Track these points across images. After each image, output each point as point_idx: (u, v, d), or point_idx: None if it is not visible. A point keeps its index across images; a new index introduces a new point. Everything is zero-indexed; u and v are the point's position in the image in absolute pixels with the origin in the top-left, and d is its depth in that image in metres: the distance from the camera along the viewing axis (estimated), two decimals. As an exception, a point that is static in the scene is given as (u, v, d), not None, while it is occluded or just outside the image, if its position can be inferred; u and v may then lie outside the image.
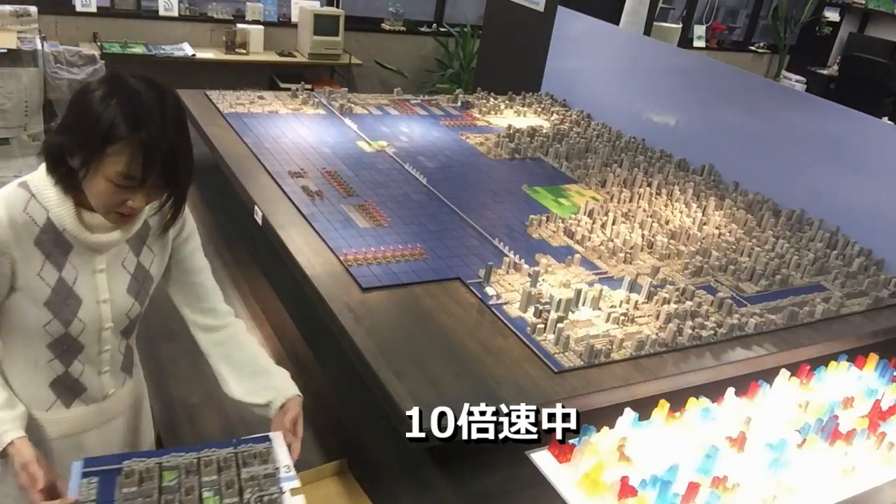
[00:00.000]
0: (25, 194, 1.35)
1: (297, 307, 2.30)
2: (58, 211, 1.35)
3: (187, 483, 1.33)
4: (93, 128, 1.24)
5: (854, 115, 2.85)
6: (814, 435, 1.86)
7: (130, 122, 1.24)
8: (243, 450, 1.43)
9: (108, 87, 1.26)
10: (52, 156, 1.32)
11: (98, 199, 1.32)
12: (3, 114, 4.64)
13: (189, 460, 1.39)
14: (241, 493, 1.34)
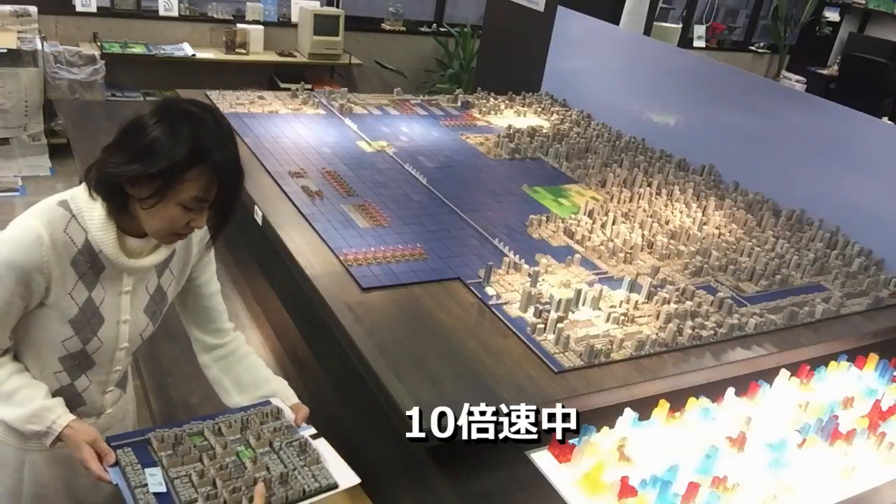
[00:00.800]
0: (66, 214, 1.36)
1: (297, 307, 2.30)
2: (100, 235, 1.36)
3: (219, 441, 1.41)
4: (169, 158, 1.26)
5: (854, 115, 2.85)
6: (814, 435, 1.86)
7: (204, 148, 1.28)
8: (255, 411, 1.52)
9: (173, 117, 1.29)
10: (110, 186, 1.32)
11: (164, 223, 1.33)
12: (3, 114, 4.65)
13: (210, 425, 1.46)
14: (271, 444, 1.44)
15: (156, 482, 1.31)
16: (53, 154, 4.90)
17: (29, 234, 1.32)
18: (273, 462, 1.40)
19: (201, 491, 1.31)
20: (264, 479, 1.34)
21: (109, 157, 1.31)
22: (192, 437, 1.42)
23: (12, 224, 1.34)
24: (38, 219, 1.34)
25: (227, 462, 1.37)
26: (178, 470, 1.34)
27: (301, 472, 1.39)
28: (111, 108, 4.00)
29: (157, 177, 1.27)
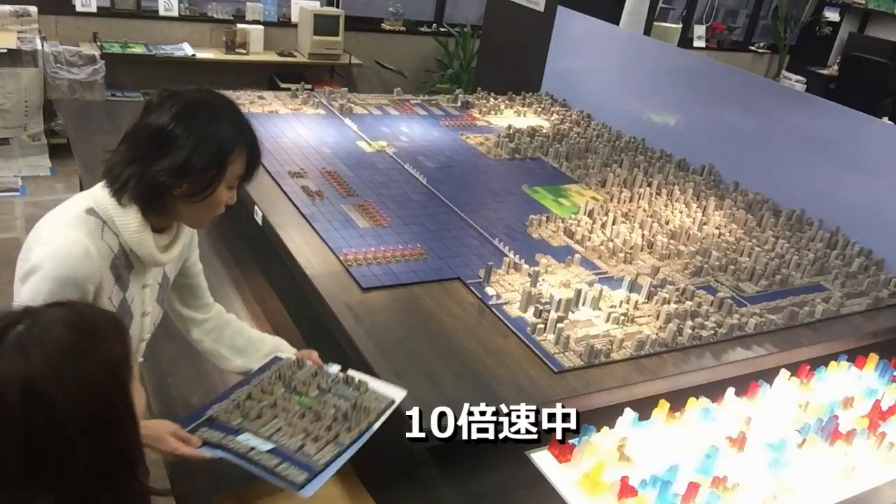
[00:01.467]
0: (98, 222, 1.37)
1: (297, 307, 2.30)
2: (137, 238, 1.38)
3: (273, 397, 1.47)
4: (219, 148, 1.34)
5: (854, 115, 2.85)
6: (814, 435, 1.86)
7: (238, 130, 1.37)
8: (280, 365, 1.59)
9: (207, 111, 1.35)
10: (156, 192, 1.34)
11: (211, 209, 1.40)
12: (3, 114, 4.65)
13: (254, 387, 1.51)
14: (319, 387, 1.53)
15: (260, 443, 1.36)
16: (53, 154, 4.90)
17: (77, 247, 1.32)
18: (335, 399, 1.49)
19: (298, 436, 1.38)
20: (342, 413, 1.43)
21: (151, 168, 1.32)
22: (246, 401, 1.47)
23: (49, 238, 1.33)
24: (78, 230, 1.34)
25: (297, 410, 1.44)
26: (265, 429, 1.40)
27: (364, 399, 1.49)
28: (111, 108, 4.00)
29: (210, 169, 1.34)
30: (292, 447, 1.36)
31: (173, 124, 1.32)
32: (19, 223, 4.13)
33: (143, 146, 1.34)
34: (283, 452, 1.35)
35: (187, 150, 1.32)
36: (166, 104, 1.35)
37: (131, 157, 1.34)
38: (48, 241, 1.33)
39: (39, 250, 1.32)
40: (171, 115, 1.33)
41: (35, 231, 1.38)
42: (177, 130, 1.32)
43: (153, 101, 1.38)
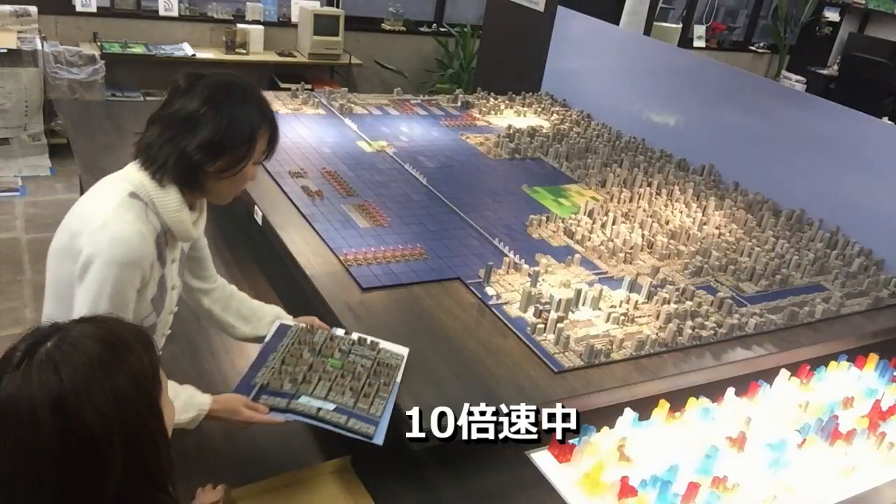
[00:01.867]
0: (142, 205, 1.42)
1: (297, 307, 2.29)
2: (177, 215, 1.45)
3: (307, 362, 1.60)
4: (250, 127, 1.44)
5: (854, 115, 2.85)
6: (814, 435, 1.86)
7: (262, 110, 1.47)
8: (296, 331, 1.72)
9: (238, 93, 1.44)
10: (192, 170, 1.42)
11: (239, 184, 1.50)
12: (3, 114, 4.64)
13: (282, 353, 1.64)
14: (339, 349, 1.66)
15: (321, 403, 1.50)
16: (53, 154, 4.89)
17: (133, 231, 1.38)
18: (358, 359, 1.62)
19: (347, 394, 1.53)
20: (371, 371, 1.59)
21: (187, 147, 1.39)
22: (283, 367, 1.59)
23: (102, 224, 1.37)
24: (128, 214, 1.39)
25: (332, 371, 1.58)
26: (318, 391, 1.53)
27: (382, 357, 1.65)
28: (111, 108, 4.00)
29: (241, 146, 1.43)
30: (349, 404, 1.51)
31: (206, 106, 1.40)
32: (19, 223, 4.13)
33: (178, 128, 1.40)
34: (345, 409, 1.50)
35: (221, 129, 1.40)
36: (196, 87, 1.42)
37: (167, 139, 1.40)
38: (102, 227, 1.37)
39: (94, 237, 1.37)
40: (203, 97, 1.41)
41: (76, 218, 1.43)
42: (210, 112, 1.40)
43: (180, 85, 1.43)
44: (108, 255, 1.35)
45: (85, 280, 1.37)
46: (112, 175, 1.50)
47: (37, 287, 3.56)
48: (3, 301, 3.43)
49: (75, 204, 1.51)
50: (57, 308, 1.48)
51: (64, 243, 1.42)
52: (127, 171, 1.47)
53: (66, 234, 1.42)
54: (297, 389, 1.55)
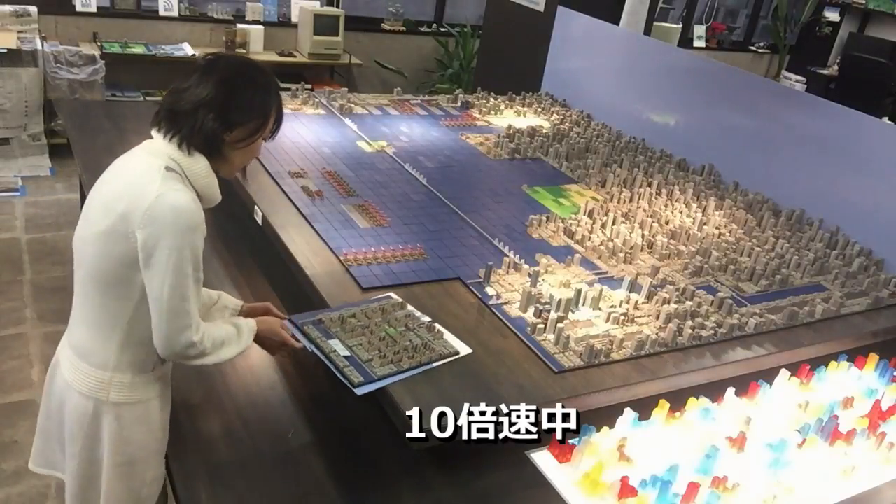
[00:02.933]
0: (178, 175, 1.49)
1: (297, 307, 2.29)
2: (208, 181, 1.54)
3: (371, 322, 1.78)
4: (266, 101, 1.55)
5: (854, 115, 2.85)
6: (814, 435, 1.86)
7: (276, 91, 1.60)
8: (389, 302, 1.90)
9: (257, 72, 1.57)
10: (214, 139, 1.51)
11: (249, 156, 1.61)
12: (3, 114, 4.64)
13: (360, 310, 1.83)
14: (406, 325, 1.80)
15: (341, 349, 1.68)
16: (53, 154, 4.90)
17: (189, 198, 1.46)
18: (412, 336, 1.76)
19: (372, 353, 1.68)
20: (413, 346, 1.72)
21: (211, 118, 1.48)
22: (349, 318, 1.78)
23: (158, 199, 1.42)
24: (175, 184, 1.46)
25: (382, 335, 1.74)
26: (351, 341, 1.71)
27: (434, 343, 1.76)
28: (111, 108, 4.00)
29: (257, 117, 1.54)
30: (363, 358, 1.66)
31: (231, 82, 1.51)
32: (19, 223, 4.13)
33: (201, 100, 1.49)
34: (354, 360, 1.66)
35: (243, 102, 1.51)
36: (217, 65, 1.54)
37: (190, 110, 1.49)
38: (158, 201, 1.42)
39: (152, 214, 1.42)
40: (226, 74, 1.52)
41: (119, 200, 1.45)
42: (233, 86, 1.51)
43: (202, 65, 1.54)
44: (176, 224, 1.42)
45: (157, 256, 1.42)
46: (134, 152, 1.55)
47: (37, 287, 3.56)
48: (3, 301, 3.43)
49: (103, 185, 1.54)
50: (102, 290, 1.51)
51: (110, 225, 1.45)
52: (153, 146, 1.53)
53: (111, 217, 1.45)
54: (338, 334, 1.73)
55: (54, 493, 2.48)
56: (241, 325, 1.66)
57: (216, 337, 1.57)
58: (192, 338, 1.50)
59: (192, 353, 1.53)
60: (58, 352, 1.68)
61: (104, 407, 1.57)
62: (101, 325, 1.54)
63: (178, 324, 1.48)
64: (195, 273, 1.48)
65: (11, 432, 2.71)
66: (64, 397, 1.61)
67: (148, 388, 1.60)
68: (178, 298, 1.45)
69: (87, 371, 1.56)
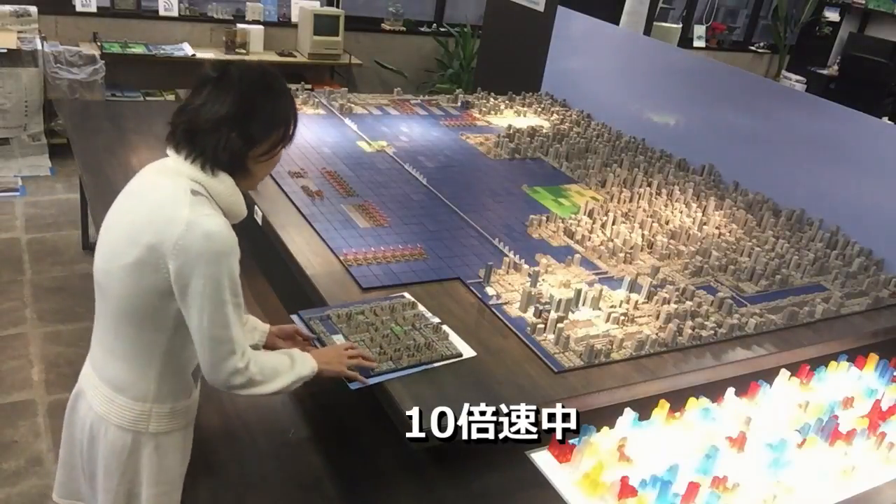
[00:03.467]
0: (204, 198, 1.43)
1: (297, 307, 2.29)
2: (232, 198, 1.48)
3: (378, 319, 1.82)
4: (286, 112, 1.49)
5: (854, 115, 2.85)
6: (814, 435, 1.86)
7: (293, 98, 1.54)
8: (400, 301, 1.92)
9: (272, 79, 1.50)
10: (237, 155, 1.44)
11: (271, 168, 1.55)
12: (3, 114, 4.64)
13: (369, 307, 1.86)
14: (413, 325, 1.82)
15: (342, 342, 1.71)
16: (53, 154, 4.89)
17: (220, 222, 1.41)
18: (416, 334, 1.78)
19: (373, 349, 1.71)
20: (415, 345, 1.74)
21: (233, 134, 1.41)
22: (357, 314, 1.82)
23: (190, 225, 1.36)
24: (204, 209, 1.40)
25: (386, 333, 1.77)
26: (354, 337, 1.74)
27: (437, 343, 1.77)
28: (111, 108, 4.00)
29: (279, 128, 1.48)
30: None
31: (250, 96, 1.43)
32: (19, 223, 4.13)
33: (221, 118, 1.41)
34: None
35: (265, 115, 1.45)
36: (232, 77, 1.44)
37: (210, 128, 1.41)
38: (189, 229, 1.36)
39: (185, 243, 1.36)
40: (244, 88, 1.43)
41: (146, 231, 1.39)
42: (253, 100, 1.43)
43: (212, 76, 1.44)
44: (210, 251, 1.37)
45: (193, 285, 1.36)
46: (153, 175, 1.49)
47: (37, 287, 3.56)
48: (4, 301, 3.43)
49: (123, 213, 1.48)
50: (135, 324, 1.44)
51: (140, 257, 1.38)
52: (173, 168, 1.45)
53: (139, 247, 1.38)
54: (343, 329, 1.76)
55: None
56: (294, 355, 1.57)
57: (265, 364, 1.50)
58: (238, 364, 1.43)
59: (239, 382, 1.45)
60: (81, 382, 1.60)
61: (143, 438, 1.51)
62: (137, 357, 1.47)
63: (221, 351, 1.42)
64: (234, 298, 1.42)
65: (11, 432, 2.71)
66: (96, 431, 1.54)
67: (186, 414, 1.57)
68: (219, 327, 1.40)
69: (124, 404, 1.49)
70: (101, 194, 2.79)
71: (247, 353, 1.45)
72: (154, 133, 3.42)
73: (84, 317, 3.40)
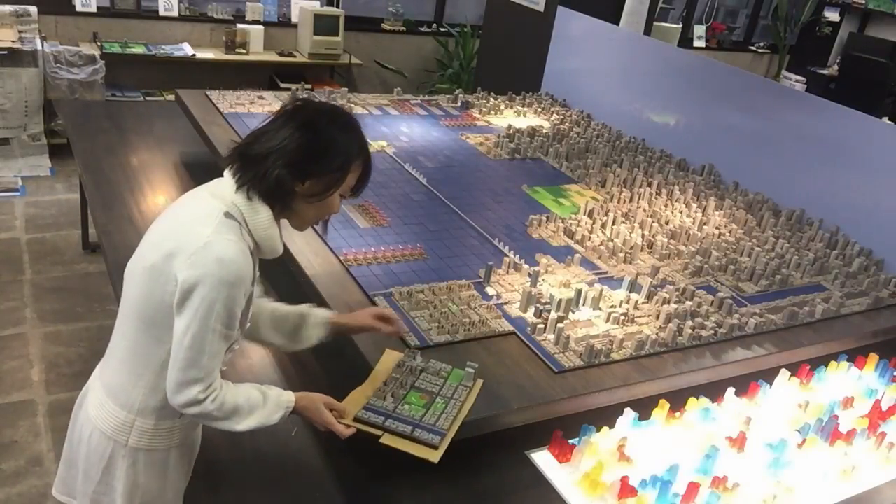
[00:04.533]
0: (236, 224, 1.39)
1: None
2: (269, 233, 1.43)
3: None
4: (346, 154, 1.43)
5: (854, 115, 2.86)
6: (814, 435, 1.86)
7: (362, 146, 1.47)
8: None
9: (341, 120, 1.45)
10: (276, 186, 1.39)
11: (322, 212, 1.48)
12: (3, 114, 4.64)
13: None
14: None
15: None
16: (53, 154, 4.89)
17: (237, 250, 1.36)
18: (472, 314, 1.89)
19: (432, 325, 1.83)
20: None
21: (285, 167, 1.38)
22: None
23: (206, 245, 1.34)
24: (229, 233, 1.37)
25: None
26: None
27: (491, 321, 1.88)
28: (111, 108, 4.00)
29: (334, 171, 1.42)
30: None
31: (307, 127, 1.40)
32: (19, 223, 4.13)
33: (276, 145, 1.39)
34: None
35: (318, 151, 1.40)
36: (302, 109, 1.44)
37: (262, 154, 1.39)
38: (206, 248, 1.34)
39: (197, 259, 1.33)
40: (306, 119, 1.42)
41: (170, 239, 1.38)
42: (310, 133, 1.40)
43: (288, 108, 1.44)
44: (217, 276, 1.33)
45: (191, 301, 1.34)
46: (200, 191, 1.46)
47: (37, 287, 3.56)
48: (3, 301, 3.43)
49: (161, 221, 1.47)
50: (140, 328, 1.43)
51: (156, 263, 1.38)
52: (219, 188, 1.43)
53: (159, 253, 1.38)
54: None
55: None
56: (269, 396, 1.50)
57: (228, 402, 1.43)
58: (198, 396, 1.38)
59: (194, 412, 1.40)
60: (89, 382, 1.59)
61: (122, 451, 1.49)
62: (134, 363, 1.46)
63: (188, 375, 1.37)
64: (224, 329, 1.38)
65: (11, 432, 2.71)
66: (84, 432, 1.53)
67: (170, 436, 1.52)
68: (195, 350, 1.36)
69: (111, 410, 1.48)
70: (101, 194, 2.79)
71: (212, 387, 1.40)
72: (154, 133, 3.42)
73: (84, 317, 3.40)
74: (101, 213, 2.65)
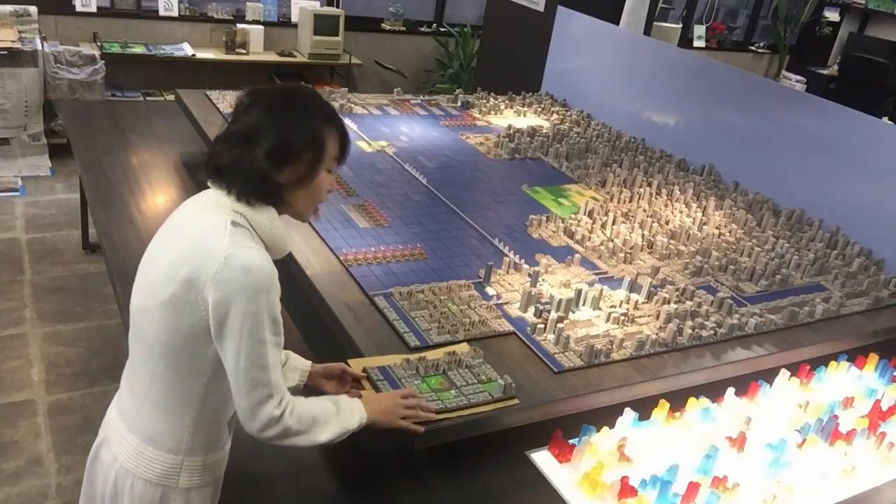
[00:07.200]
0: (246, 230, 1.34)
1: (297, 307, 2.30)
2: (273, 231, 1.38)
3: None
4: (314, 128, 1.37)
5: (854, 115, 2.85)
6: (814, 435, 1.86)
7: (328, 115, 1.41)
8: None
9: (296, 98, 1.39)
10: (262, 182, 1.34)
11: (316, 193, 1.42)
12: (3, 114, 4.64)
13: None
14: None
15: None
16: (53, 154, 4.90)
17: (260, 255, 1.32)
18: (472, 314, 1.91)
19: (431, 325, 1.85)
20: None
21: (253, 160, 1.33)
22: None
23: (229, 258, 1.28)
24: (244, 241, 1.32)
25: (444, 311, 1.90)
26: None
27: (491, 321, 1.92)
28: (111, 108, 4.00)
29: (308, 149, 1.36)
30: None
31: (266, 115, 1.35)
32: (19, 223, 4.13)
33: (243, 142, 1.34)
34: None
35: (284, 135, 1.34)
36: (256, 100, 1.38)
37: (235, 156, 1.34)
38: (228, 263, 1.28)
39: (223, 277, 1.27)
40: (263, 107, 1.36)
41: (185, 264, 1.30)
42: (270, 119, 1.35)
43: (243, 102, 1.40)
44: (250, 287, 1.27)
45: (230, 322, 1.28)
46: (194, 207, 1.40)
47: (36, 287, 3.56)
48: (3, 301, 3.43)
49: (163, 248, 1.39)
50: (172, 367, 1.35)
51: (176, 293, 1.30)
52: (213, 200, 1.37)
53: (175, 283, 1.30)
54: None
55: (54, 493, 2.47)
56: (340, 401, 1.46)
57: (304, 413, 1.38)
58: (274, 412, 1.32)
59: (273, 433, 1.34)
60: (105, 430, 1.49)
61: (173, 493, 1.41)
62: (172, 405, 1.38)
63: (257, 396, 1.31)
64: (274, 338, 1.31)
65: (11, 432, 2.71)
66: (121, 485, 1.43)
67: (218, 468, 1.48)
68: (256, 369, 1.29)
69: (155, 456, 1.39)
70: (101, 194, 2.79)
71: (285, 400, 1.34)
72: (154, 133, 3.42)
73: (84, 317, 3.40)
74: (101, 213, 2.65)
